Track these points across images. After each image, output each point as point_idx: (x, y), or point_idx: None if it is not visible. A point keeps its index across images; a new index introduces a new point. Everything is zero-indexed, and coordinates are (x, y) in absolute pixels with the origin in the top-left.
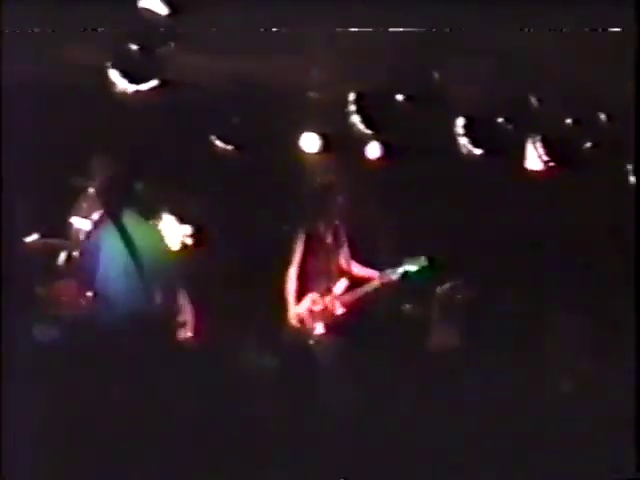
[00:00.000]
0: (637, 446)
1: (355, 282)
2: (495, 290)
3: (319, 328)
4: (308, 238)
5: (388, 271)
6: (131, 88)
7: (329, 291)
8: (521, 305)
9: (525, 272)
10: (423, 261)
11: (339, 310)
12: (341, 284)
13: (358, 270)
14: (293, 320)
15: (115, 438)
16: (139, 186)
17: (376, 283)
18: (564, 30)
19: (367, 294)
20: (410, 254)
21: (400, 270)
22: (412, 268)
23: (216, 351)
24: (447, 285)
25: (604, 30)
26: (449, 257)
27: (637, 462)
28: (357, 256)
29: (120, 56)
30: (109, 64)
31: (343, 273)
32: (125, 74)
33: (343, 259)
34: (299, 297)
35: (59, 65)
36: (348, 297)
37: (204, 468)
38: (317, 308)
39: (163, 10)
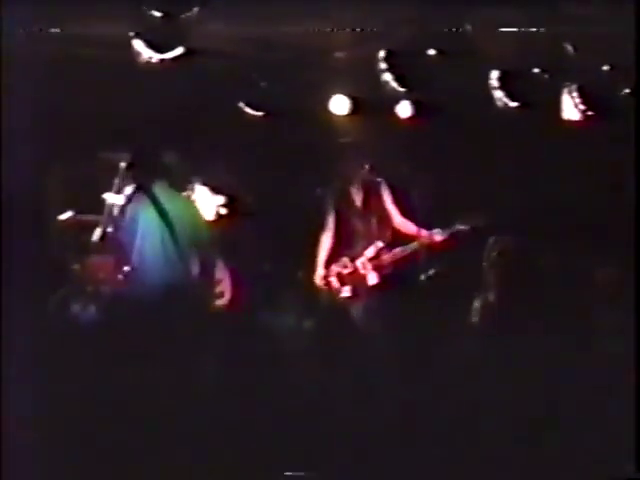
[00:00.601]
0: (637, 446)
1: (391, 244)
2: (535, 246)
3: (345, 291)
4: (341, 202)
5: (436, 230)
6: (156, 57)
7: (361, 254)
8: (558, 260)
9: (565, 226)
10: (478, 221)
11: (370, 274)
12: (373, 247)
13: (405, 226)
14: (320, 282)
15: (157, 410)
16: (170, 158)
17: (414, 245)
18: None
19: (402, 257)
20: (445, 214)
21: (449, 230)
22: (464, 228)
23: (251, 318)
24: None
25: None
26: (487, 215)
27: (637, 462)
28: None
29: (143, 25)
30: (132, 34)
31: (380, 235)
32: (149, 43)
33: (390, 214)
34: (330, 260)
35: (83, 37)
36: (380, 260)
37: (238, 437)
38: (346, 271)
39: None
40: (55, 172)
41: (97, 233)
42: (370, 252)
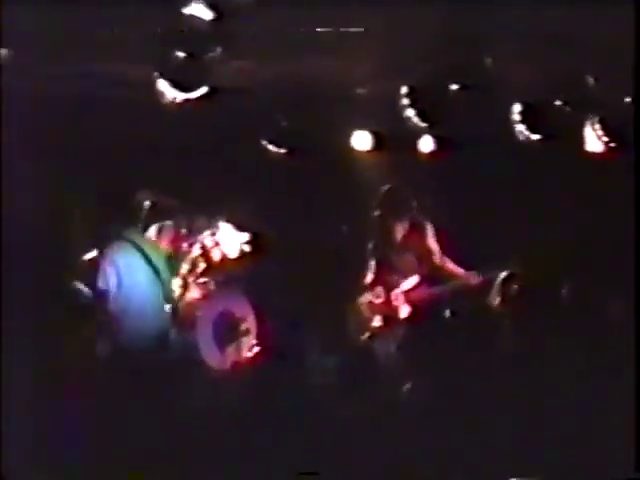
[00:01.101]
0: (637, 446)
1: (429, 280)
2: (561, 282)
3: (377, 321)
4: (381, 236)
5: (473, 273)
6: (180, 97)
7: (396, 286)
8: (585, 295)
9: (589, 257)
10: (512, 267)
11: (403, 306)
12: (411, 280)
13: (451, 266)
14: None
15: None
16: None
17: (452, 284)
18: None
19: (437, 295)
20: (472, 250)
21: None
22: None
23: (280, 356)
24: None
25: None
26: (511, 249)
27: (637, 462)
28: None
29: (167, 65)
30: (157, 74)
31: (417, 270)
32: (173, 83)
33: (435, 254)
34: (366, 290)
35: (108, 79)
36: (416, 294)
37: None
38: (378, 301)
39: (208, 15)
40: (78, 213)
41: None
42: (406, 285)
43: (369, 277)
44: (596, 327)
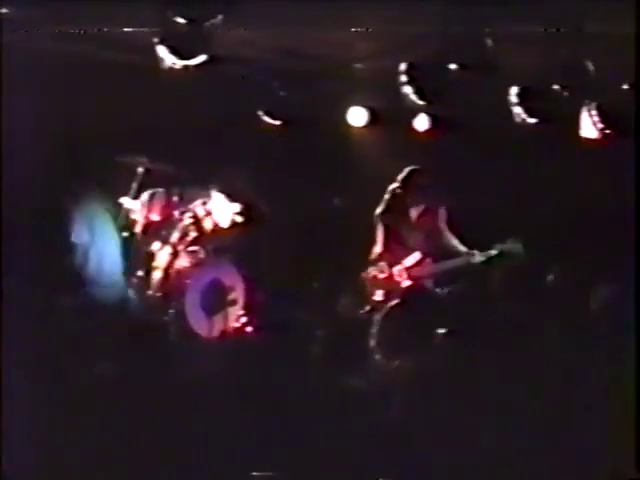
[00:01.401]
0: (637, 446)
1: (432, 257)
2: (552, 262)
3: (378, 295)
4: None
5: (474, 252)
6: (179, 63)
7: (399, 262)
8: (572, 276)
9: (581, 242)
10: (518, 247)
11: (405, 282)
12: (413, 257)
13: (453, 242)
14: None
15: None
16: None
17: (458, 261)
18: None
19: (439, 272)
20: (467, 229)
21: (491, 252)
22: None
23: (269, 327)
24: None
25: None
26: (506, 230)
27: (637, 462)
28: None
29: (167, 31)
30: (157, 40)
31: (422, 246)
32: (173, 49)
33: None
34: (370, 264)
35: (106, 42)
36: (418, 270)
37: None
38: (382, 276)
39: None
40: (73, 175)
41: None
42: (409, 261)
43: (375, 252)
44: (597, 322)
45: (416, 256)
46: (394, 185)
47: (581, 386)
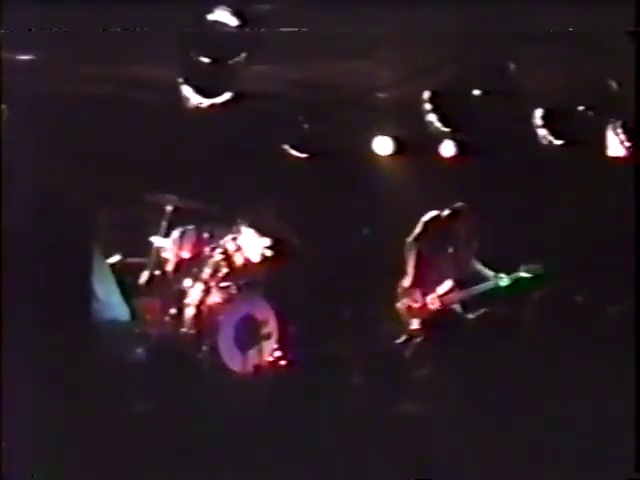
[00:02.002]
0: (637, 446)
1: (463, 283)
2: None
3: (415, 324)
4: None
5: (502, 275)
6: (205, 102)
7: (433, 291)
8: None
9: (611, 261)
10: (539, 269)
11: (437, 307)
12: (446, 284)
13: (481, 267)
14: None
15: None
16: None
17: (489, 285)
18: None
19: (469, 296)
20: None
21: (514, 276)
22: (527, 275)
23: (304, 361)
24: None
25: None
26: (534, 253)
27: (637, 462)
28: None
29: (192, 71)
30: (181, 80)
31: (454, 274)
32: (198, 88)
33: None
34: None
35: (134, 82)
36: (450, 297)
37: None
38: (416, 305)
39: (233, 22)
40: (103, 215)
41: (144, 276)
42: (442, 289)
43: (407, 281)
44: (603, 328)
45: (448, 284)
46: (432, 215)
47: (581, 386)
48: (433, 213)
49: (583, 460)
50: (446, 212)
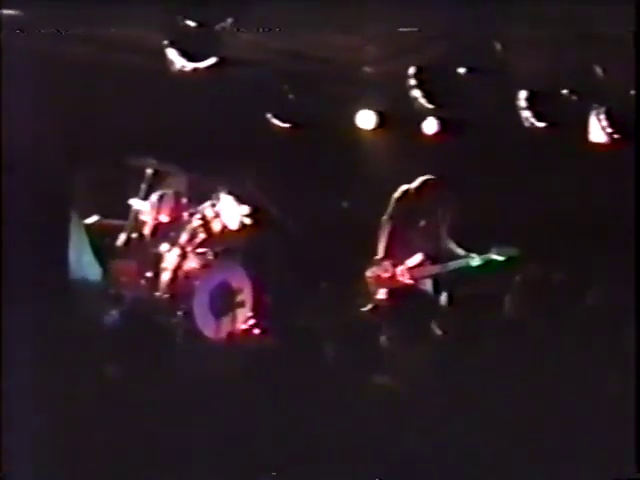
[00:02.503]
0: (637, 446)
1: (434, 258)
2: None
3: (381, 294)
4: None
5: (473, 255)
6: (189, 66)
7: (402, 262)
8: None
9: (587, 246)
10: (512, 251)
11: (407, 281)
12: (416, 258)
13: (452, 247)
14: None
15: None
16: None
17: (460, 263)
18: None
19: (439, 272)
20: (472, 233)
21: (486, 257)
22: (499, 257)
23: (277, 330)
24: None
25: None
26: (511, 234)
27: (637, 462)
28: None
29: (178, 34)
30: (166, 42)
31: (425, 248)
32: (183, 52)
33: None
34: (375, 264)
35: (118, 44)
36: (419, 271)
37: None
38: (385, 275)
39: None
40: (83, 177)
41: (122, 238)
42: (412, 262)
43: (380, 252)
44: (596, 323)
45: (418, 257)
46: (402, 189)
47: (581, 386)
48: (403, 188)
49: (583, 460)
50: (414, 185)
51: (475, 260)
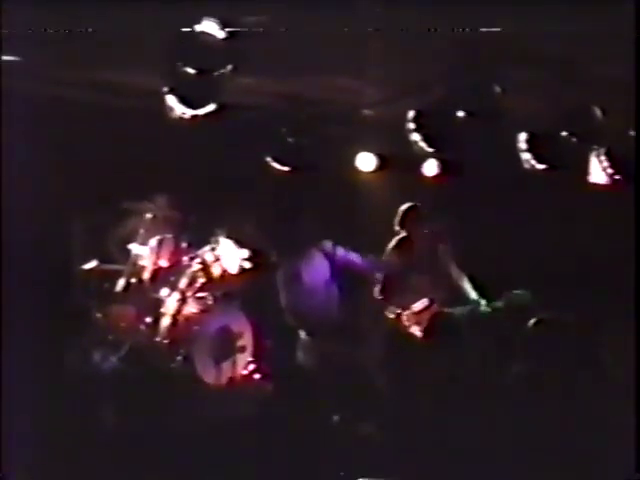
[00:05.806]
0: (637, 446)
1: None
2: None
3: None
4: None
5: (483, 302)
6: (189, 113)
7: (408, 307)
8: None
9: (589, 286)
10: (526, 296)
11: (412, 327)
12: (421, 303)
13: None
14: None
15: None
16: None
17: (465, 309)
18: None
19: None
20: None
21: (497, 304)
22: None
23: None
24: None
25: None
26: (511, 275)
27: (637, 463)
28: None
29: (177, 81)
30: (166, 89)
31: (431, 292)
32: (182, 99)
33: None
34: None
35: (117, 90)
36: (426, 315)
37: None
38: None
39: (220, 34)
40: (81, 221)
41: (121, 283)
42: (417, 306)
43: (377, 294)
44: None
45: (424, 302)
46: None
47: (581, 387)
48: (402, 234)
49: (583, 460)
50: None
51: (483, 307)
